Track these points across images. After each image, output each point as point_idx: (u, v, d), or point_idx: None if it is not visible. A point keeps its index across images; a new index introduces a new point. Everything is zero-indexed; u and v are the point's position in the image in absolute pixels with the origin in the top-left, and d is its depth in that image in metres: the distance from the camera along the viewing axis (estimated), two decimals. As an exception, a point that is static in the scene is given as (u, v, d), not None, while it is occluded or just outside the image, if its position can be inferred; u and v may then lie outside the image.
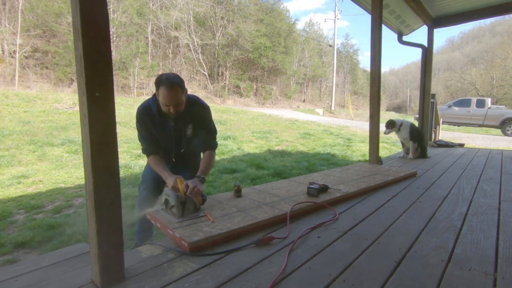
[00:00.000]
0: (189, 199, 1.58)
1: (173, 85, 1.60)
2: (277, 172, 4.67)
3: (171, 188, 1.60)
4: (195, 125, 1.88)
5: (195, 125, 1.88)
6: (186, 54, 21.99)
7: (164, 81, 1.60)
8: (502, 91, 31.48)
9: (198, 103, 1.86)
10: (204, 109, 1.88)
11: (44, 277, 1.17)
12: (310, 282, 1.10)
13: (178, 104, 1.67)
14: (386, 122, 4.34)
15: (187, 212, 1.57)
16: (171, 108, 1.65)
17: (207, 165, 1.83)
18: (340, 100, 34.13)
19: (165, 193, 1.61)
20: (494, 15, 5.34)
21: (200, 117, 1.87)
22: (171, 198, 1.55)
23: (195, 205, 1.61)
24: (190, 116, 1.83)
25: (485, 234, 1.55)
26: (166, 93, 1.60)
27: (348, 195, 2.16)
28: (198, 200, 1.63)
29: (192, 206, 1.59)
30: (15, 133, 6.40)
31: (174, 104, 1.64)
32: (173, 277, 1.14)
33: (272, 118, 12.70)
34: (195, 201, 1.60)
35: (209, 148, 1.90)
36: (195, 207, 1.61)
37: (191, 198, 1.59)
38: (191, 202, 1.59)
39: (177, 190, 1.59)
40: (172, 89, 1.60)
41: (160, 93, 1.63)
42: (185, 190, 1.58)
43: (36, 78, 15.10)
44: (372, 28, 3.59)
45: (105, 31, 1.02)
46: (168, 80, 1.60)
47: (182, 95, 1.67)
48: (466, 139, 9.13)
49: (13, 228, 2.63)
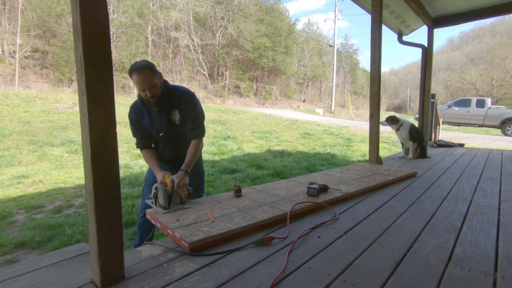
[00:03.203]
0: (175, 193, 1.73)
1: (142, 68, 1.67)
2: (277, 172, 4.67)
3: (160, 183, 1.74)
4: (182, 112, 1.86)
5: (182, 112, 1.86)
6: (186, 54, 21.99)
7: (134, 67, 1.68)
8: (502, 91, 31.47)
9: (180, 89, 1.89)
10: (186, 93, 1.88)
11: (44, 277, 1.17)
12: (310, 282, 1.10)
13: (152, 87, 1.71)
14: (388, 116, 4.27)
15: (173, 204, 1.73)
16: (147, 92, 1.71)
17: (191, 156, 1.82)
18: (340, 100, 34.13)
19: (154, 188, 1.75)
20: (494, 15, 5.33)
21: (184, 102, 1.85)
22: (159, 192, 1.70)
23: (181, 198, 1.75)
24: (173, 102, 1.85)
25: (485, 234, 1.55)
26: (137, 78, 1.67)
27: (348, 195, 2.16)
28: (183, 193, 1.76)
29: (178, 199, 1.74)
30: (15, 133, 6.40)
31: (148, 87, 1.69)
32: (173, 277, 1.14)
33: (272, 118, 12.70)
34: (180, 194, 1.75)
35: (195, 137, 1.87)
36: (181, 200, 1.76)
37: (177, 192, 1.73)
38: (177, 195, 1.74)
39: (165, 185, 1.73)
40: (141, 72, 1.66)
41: (134, 80, 1.70)
42: (172, 185, 1.71)
43: (36, 78, 15.09)
44: (372, 28, 3.59)
45: (105, 31, 1.02)
46: (136, 66, 1.68)
47: (154, 78, 1.71)
48: (466, 139, 9.13)
49: (13, 228, 2.64)
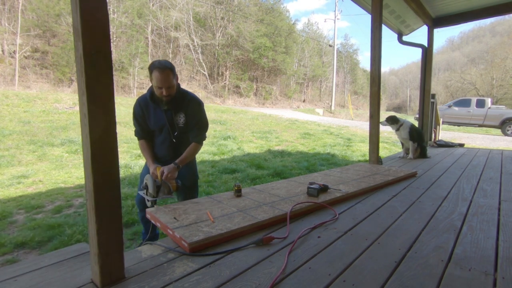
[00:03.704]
0: (164, 184, 1.81)
1: (165, 68, 1.77)
2: (277, 172, 4.67)
3: (151, 174, 1.84)
4: (187, 116, 1.97)
5: (188, 116, 1.97)
6: (186, 54, 21.98)
7: (157, 65, 1.77)
8: (502, 91, 31.47)
9: (189, 95, 2.00)
10: (195, 100, 2.00)
11: (44, 277, 1.17)
12: (310, 282, 1.10)
13: (170, 86, 1.80)
14: (388, 116, 4.26)
15: (161, 194, 1.81)
16: (163, 90, 1.79)
17: (188, 155, 1.96)
18: (340, 100, 34.13)
19: (145, 179, 1.83)
20: (494, 15, 5.33)
21: (192, 108, 1.97)
22: (149, 182, 1.79)
23: (169, 189, 1.83)
24: (181, 105, 1.95)
25: (485, 234, 1.55)
26: (159, 75, 1.75)
27: (348, 195, 2.16)
28: (172, 185, 1.84)
29: (166, 189, 1.82)
30: (15, 133, 6.40)
31: (166, 86, 1.78)
32: (173, 277, 1.14)
33: (272, 118, 12.70)
34: (169, 185, 1.83)
35: (195, 141, 2.01)
36: (169, 191, 1.84)
37: (166, 183, 1.82)
38: (166, 186, 1.82)
39: (156, 177, 1.84)
40: (164, 72, 1.76)
41: (154, 77, 1.78)
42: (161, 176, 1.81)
43: (36, 78, 15.09)
44: (372, 28, 3.59)
45: (105, 31, 1.02)
46: (160, 64, 1.78)
47: (173, 79, 1.82)
48: (466, 139, 9.13)
49: (13, 228, 2.64)
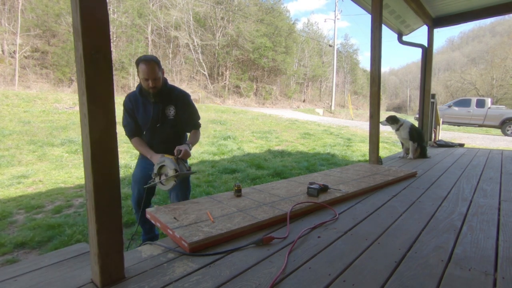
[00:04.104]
0: (182, 162, 1.86)
1: (151, 60, 1.86)
2: (277, 172, 4.67)
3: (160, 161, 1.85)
4: (177, 109, 2.06)
5: (178, 108, 2.06)
6: (186, 54, 21.98)
7: (143, 58, 1.87)
8: (502, 91, 31.46)
9: (177, 89, 2.09)
10: (183, 94, 2.10)
11: (44, 277, 1.17)
12: (310, 282, 1.10)
13: (156, 78, 1.88)
14: (388, 116, 4.25)
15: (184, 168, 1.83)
16: (150, 82, 1.87)
17: (194, 139, 2.11)
18: (340, 100, 34.12)
19: (160, 162, 1.82)
20: (494, 15, 5.33)
21: (181, 101, 2.07)
22: (167, 162, 1.78)
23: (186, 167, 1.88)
24: (170, 98, 2.03)
25: (485, 234, 1.55)
26: (145, 68, 1.84)
27: (348, 195, 2.16)
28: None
29: (184, 168, 1.86)
30: (15, 133, 6.40)
31: (152, 78, 1.86)
32: (173, 277, 1.14)
33: (272, 118, 12.70)
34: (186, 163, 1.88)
35: (194, 128, 2.15)
36: (188, 168, 1.88)
37: (183, 161, 1.87)
38: (183, 164, 1.87)
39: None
40: (150, 64, 1.85)
41: (140, 70, 1.86)
42: (176, 154, 1.84)
43: (36, 78, 15.09)
44: (372, 28, 3.59)
45: (105, 31, 1.02)
46: (146, 57, 1.87)
47: (159, 72, 1.89)
48: (466, 139, 9.13)
49: (13, 228, 2.64)
